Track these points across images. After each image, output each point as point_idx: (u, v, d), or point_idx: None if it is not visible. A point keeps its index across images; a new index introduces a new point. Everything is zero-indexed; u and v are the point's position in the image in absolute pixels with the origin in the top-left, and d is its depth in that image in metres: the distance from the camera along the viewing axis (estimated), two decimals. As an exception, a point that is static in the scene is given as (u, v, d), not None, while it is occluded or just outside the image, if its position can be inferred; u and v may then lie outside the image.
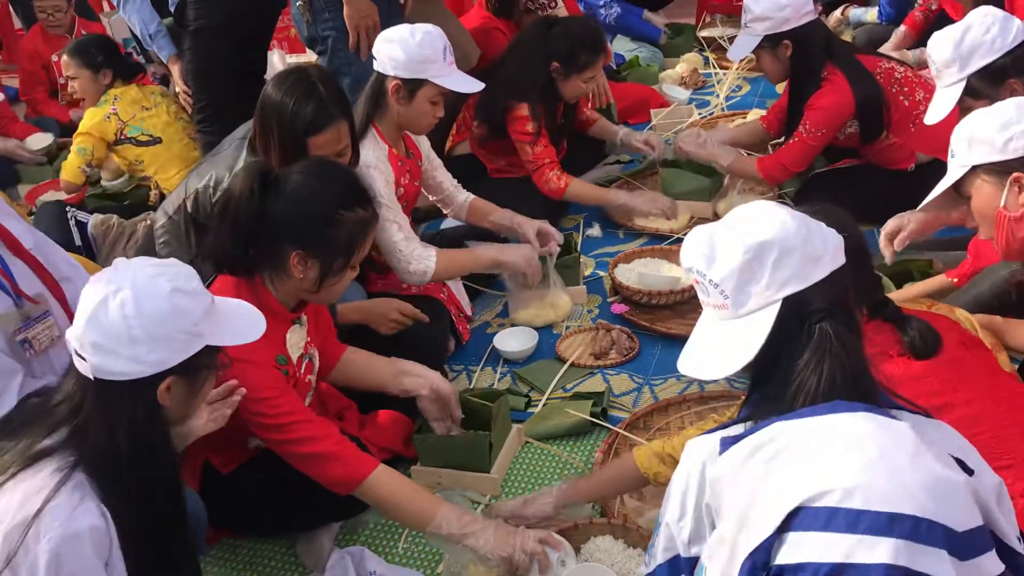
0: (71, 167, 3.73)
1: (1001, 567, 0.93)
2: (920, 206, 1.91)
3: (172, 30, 3.59)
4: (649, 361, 2.61)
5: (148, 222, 3.47)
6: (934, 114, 2.28)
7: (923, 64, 3.74)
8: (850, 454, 0.99)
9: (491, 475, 2.17)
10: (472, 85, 2.64)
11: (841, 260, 1.26)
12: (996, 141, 1.73)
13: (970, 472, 1.09)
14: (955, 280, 2.30)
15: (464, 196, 2.93)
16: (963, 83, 2.21)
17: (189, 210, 2.41)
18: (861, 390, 1.19)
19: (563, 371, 2.56)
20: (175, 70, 3.62)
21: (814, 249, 1.22)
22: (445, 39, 2.56)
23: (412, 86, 2.52)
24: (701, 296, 1.30)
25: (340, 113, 2.23)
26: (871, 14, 4.62)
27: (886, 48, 4.04)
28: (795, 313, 1.21)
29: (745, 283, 1.23)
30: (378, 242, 2.56)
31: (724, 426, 1.27)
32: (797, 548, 0.96)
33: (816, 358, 1.18)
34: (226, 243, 1.82)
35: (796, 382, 1.19)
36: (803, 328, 1.20)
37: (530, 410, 2.45)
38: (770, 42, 2.98)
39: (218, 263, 1.87)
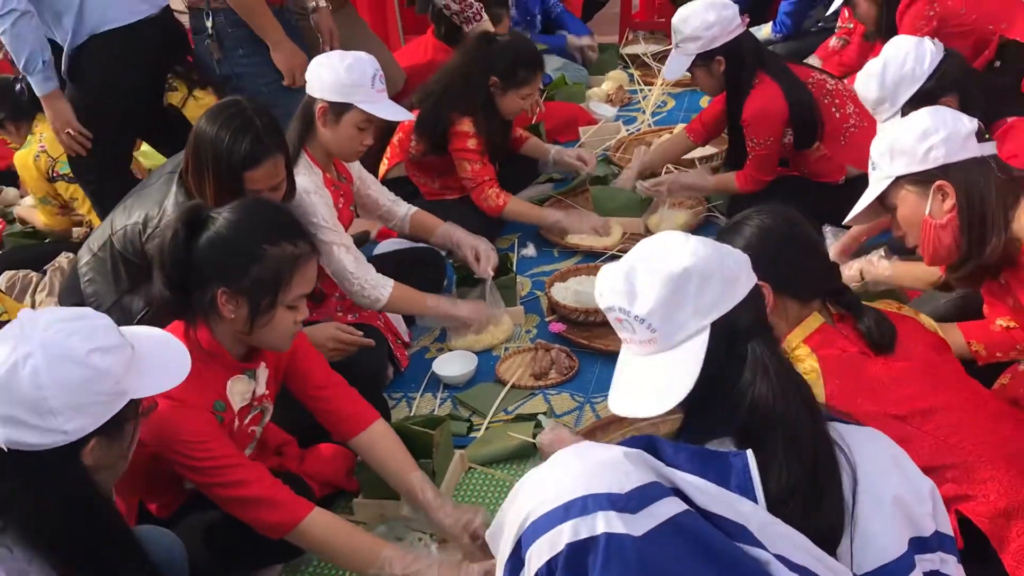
0: (48, 217, 3.66)
1: (680, 508, 1.04)
2: (847, 219, 1.95)
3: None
4: (589, 379, 2.61)
5: (62, 264, 3.39)
6: None
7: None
8: (542, 478, 1.11)
9: (436, 503, 2.14)
10: (400, 114, 2.62)
11: (754, 279, 1.27)
12: (917, 151, 1.77)
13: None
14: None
15: (405, 208, 2.94)
16: (899, 114, 2.28)
17: (117, 247, 2.35)
18: (810, 404, 1.22)
19: (504, 393, 2.55)
20: (59, 106, 2.96)
21: (730, 271, 1.23)
22: (377, 67, 2.55)
23: (338, 110, 2.51)
24: (624, 334, 1.28)
25: (276, 146, 2.21)
26: (765, 30, 4.72)
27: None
28: (724, 336, 1.21)
29: (672, 314, 1.22)
30: (327, 267, 2.55)
31: None
32: (526, 569, 1.06)
33: (759, 377, 1.19)
34: (161, 288, 1.77)
35: (748, 400, 1.18)
36: (734, 350, 1.21)
37: (472, 435, 2.43)
38: (703, 59, 3.05)
39: (160, 309, 1.82)
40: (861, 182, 2.99)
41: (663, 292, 1.21)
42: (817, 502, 1.16)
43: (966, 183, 1.75)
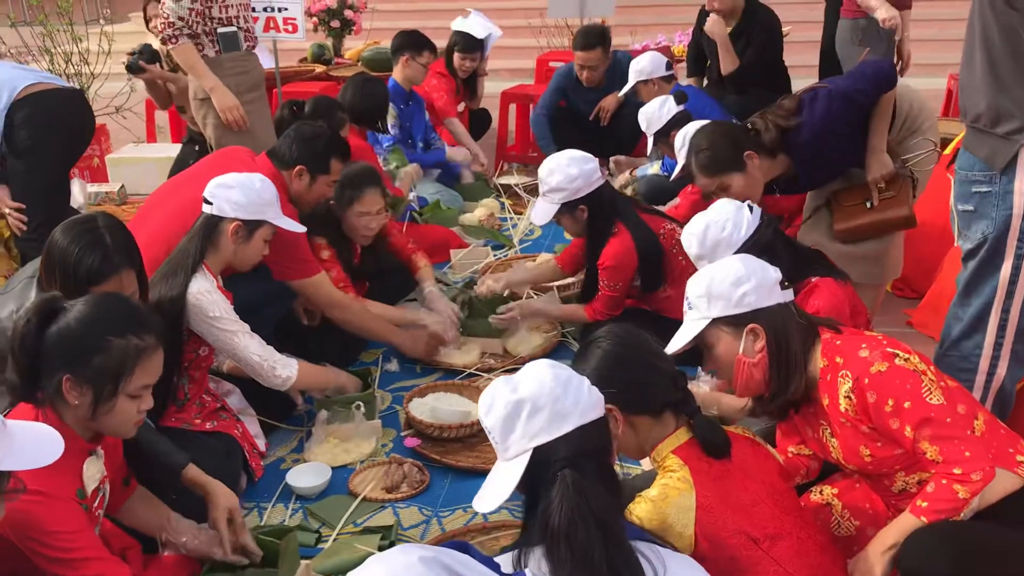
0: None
1: None
2: (667, 350, 2.13)
3: None
4: (439, 493, 2.72)
5: None
6: None
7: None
8: None
9: (278, 612, 2.19)
10: (298, 227, 2.91)
11: (593, 416, 1.51)
12: (731, 297, 1.97)
13: None
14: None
15: None
16: None
17: None
18: (607, 528, 1.41)
19: (354, 506, 2.62)
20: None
21: (563, 407, 1.49)
22: (274, 186, 2.82)
23: (252, 227, 2.75)
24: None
25: (126, 263, 2.30)
26: (655, 167, 5.15)
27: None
28: (543, 460, 1.47)
29: (507, 432, 1.50)
30: (233, 355, 2.72)
31: (504, 550, 1.48)
32: None
33: (556, 500, 1.41)
34: (11, 373, 1.85)
35: (542, 518, 1.41)
36: (548, 473, 1.45)
37: (320, 546, 2.48)
38: (568, 208, 3.33)
39: (12, 393, 1.89)
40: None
41: (503, 412, 1.50)
42: None
43: (774, 326, 1.97)
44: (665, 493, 1.76)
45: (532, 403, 1.49)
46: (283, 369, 2.75)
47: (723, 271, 2.02)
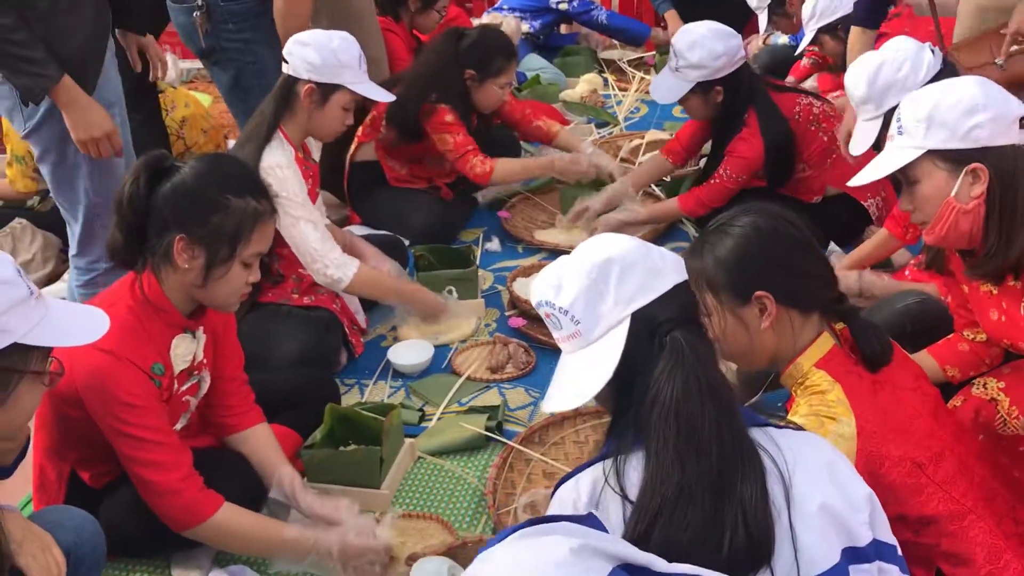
0: (17, 177, 3.54)
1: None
2: (851, 182, 1.83)
3: None
4: (546, 375, 2.55)
5: (15, 230, 3.31)
6: (857, 145, 2.26)
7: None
8: None
9: (381, 491, 2.10)
10: (384, 95, 2.67)
11: (683, 275, 1.26)
12: (960, 127, 1.60)
13: None
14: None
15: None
16: (880, 119, 2.18)
17: None
18: (720, 400, 1.18)
19: (458, 385, 2.51)
20: None
21: (654, 263, 1.23)
22: (359, 47, 2.56)
23: (326, 91, 2.51)
24: (555, 333, 1.28)
25: None
26: (784, 38, 4.75)
27: None
28: (645, 327, 1.20)
29: (593, 304, 1.22)
30: (292, 242, 2.52)
31: (589, 464, 1.23)
32: None
33: (670, 367, 1.17)
34: (115, 231, 1.75)
35: (651, 394, 1.17)
36: (655, 341, 1.20)
37: (424, 424, 2.39)
38: (702, 88, 2.96)
39: (112, 255, 1.80)
40: (837, 202, 2.97)
41: (586, 282, 1.22)
42: (720, 507, 1.13)
43: (1001, 170, 1.60)
44: (820, 421, 1.45)
45: (621, 261, 1.21)
46: (336, 269, 2.50)
47: (954, 93, 1.63)
